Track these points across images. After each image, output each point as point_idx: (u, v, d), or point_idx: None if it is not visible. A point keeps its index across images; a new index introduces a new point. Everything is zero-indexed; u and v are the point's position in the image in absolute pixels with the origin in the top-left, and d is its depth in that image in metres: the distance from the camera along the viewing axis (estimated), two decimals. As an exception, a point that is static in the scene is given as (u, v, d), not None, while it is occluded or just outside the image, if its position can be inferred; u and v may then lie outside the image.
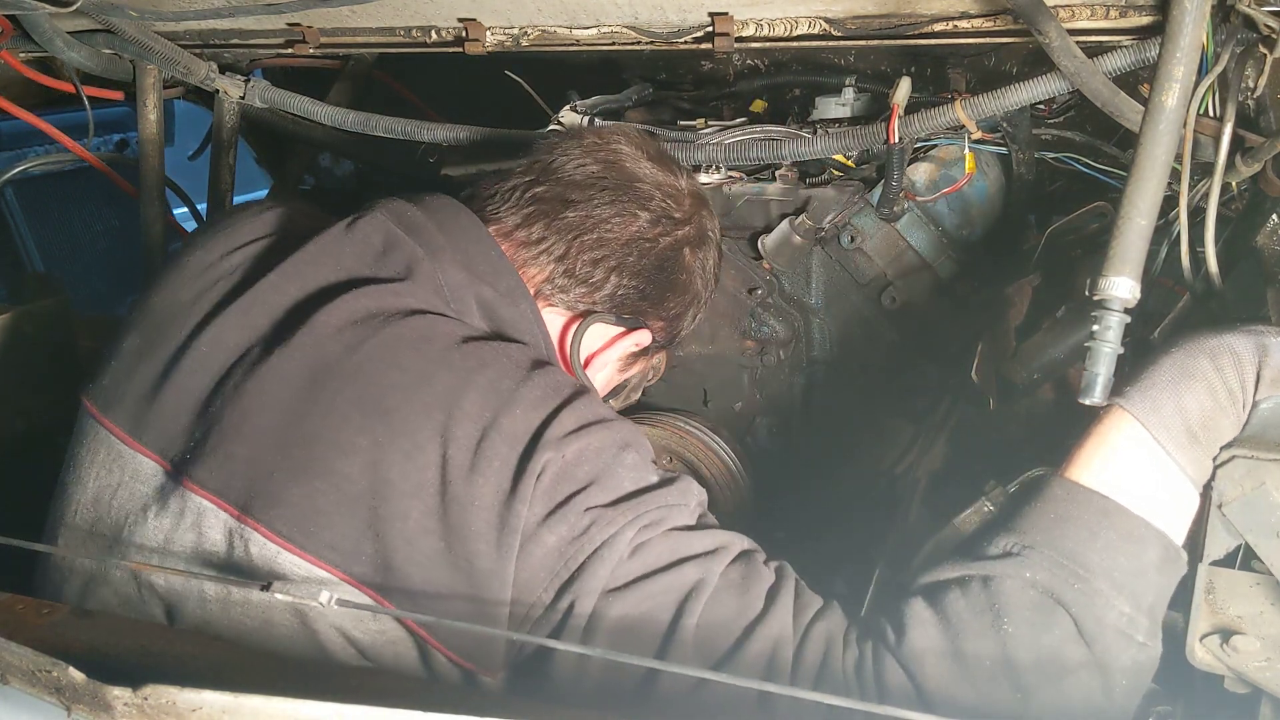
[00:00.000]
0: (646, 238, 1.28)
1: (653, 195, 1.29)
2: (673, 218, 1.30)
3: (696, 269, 1.35)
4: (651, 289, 1.30)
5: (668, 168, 1.34)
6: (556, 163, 1.29)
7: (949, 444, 1.92)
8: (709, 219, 1.38)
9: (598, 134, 1.34)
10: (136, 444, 1.12)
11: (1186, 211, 1.24)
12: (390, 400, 1.04)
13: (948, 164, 1.74)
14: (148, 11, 1.72)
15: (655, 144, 1.36)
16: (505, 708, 0.82)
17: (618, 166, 1.29)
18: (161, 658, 0.98)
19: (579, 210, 1.25)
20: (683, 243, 1.32)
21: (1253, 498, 0.98)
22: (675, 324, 1.37)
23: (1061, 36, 1.28)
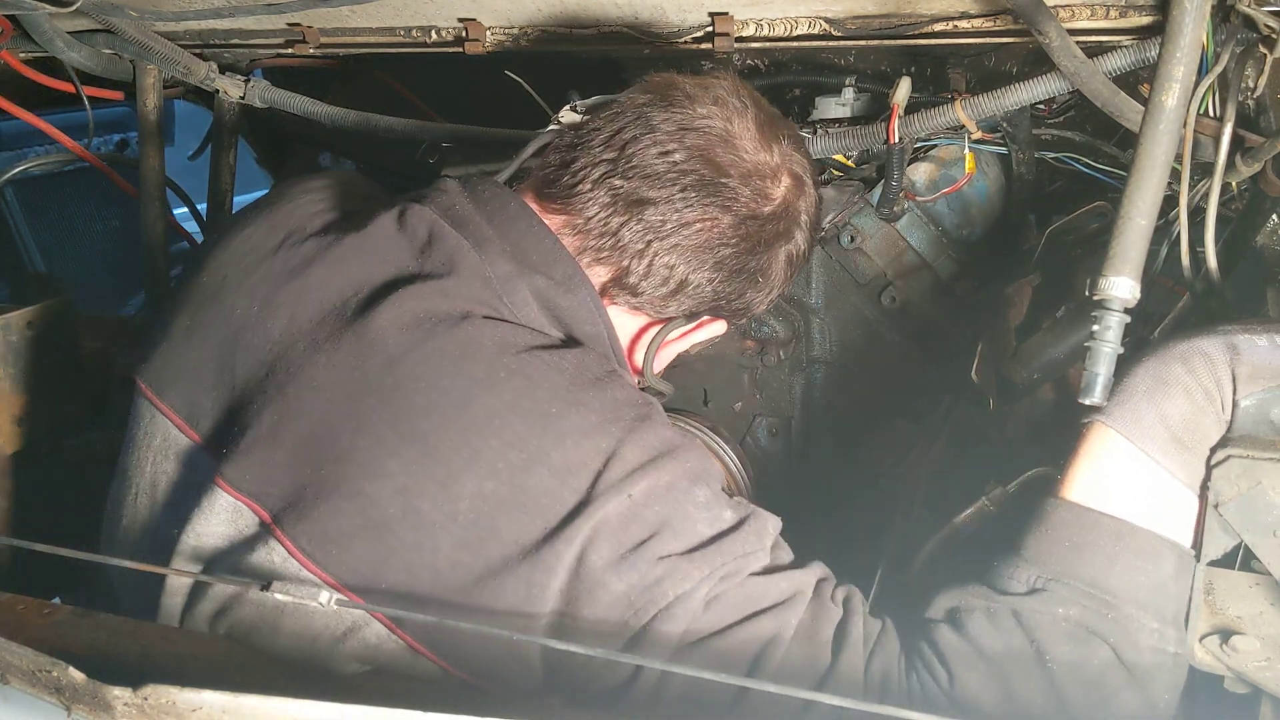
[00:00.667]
0: (729, 243, 1.17)
1: (739, 193, 1.16)
2: (760, 216, 1.18)
3: (780, 261, 1.24)
4: (730, 288, 1.21)
5: (765, 142, 1.18)
6: (639, 148, 1.14)
7: (949, 444, 1.92)
8: (803, 196, 1.23)
9: (690, 104, 1.16)
10: (193, 432, 1.11)
11: (1186, 211, 1.24)
12: (426, 424, 0.99)
13: (948, 164, 1.74)
14: (148, 11, 1.72)
15: (756, 106, 1.20)
16: (505, 708, 0.82)
17: (706, 155, 1.14)
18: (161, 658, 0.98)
19: (658, 211, 1.14)
20: (769, 240, 1.20)
21: (1249, 497, 0.98)
22: (752, 310, 1.29)
23: (1061, 36, 1.28)
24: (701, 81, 1.20)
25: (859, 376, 1.83)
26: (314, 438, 1.02)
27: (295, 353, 1.07)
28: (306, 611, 1.01)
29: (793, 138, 1.24)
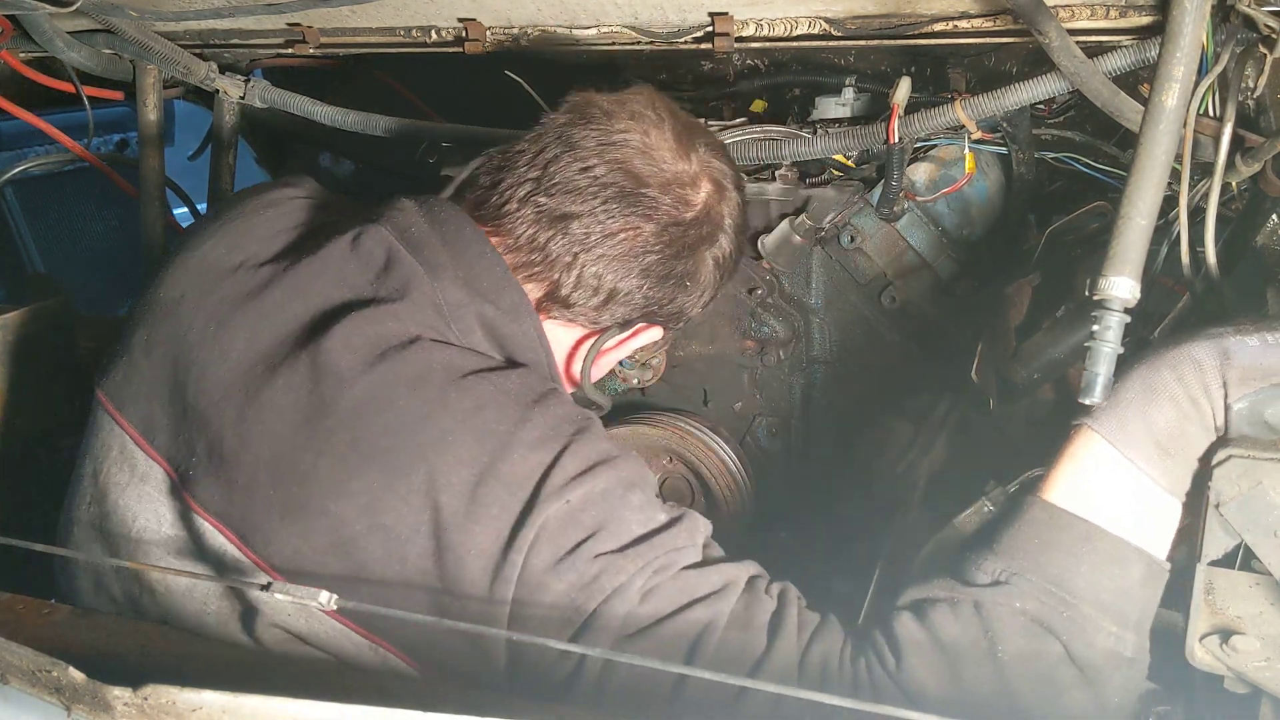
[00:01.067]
0: (653, 250, 1.23)
1: (660, 202, 1.21)
2: (682, 222, 1.24)
3: (708, 263, 1.29)
4: (660, 294, 1.26)
5: (683, 151, 1.24)
6: (560, 165, 1.21)
7: (949, 444, 1.92)
8: (724, 201, 1.28)
9: (608, 120, 1.23)
10: (149, 447, 1.13)
11: (1186, 211, 1.24)
12: (385, 443, 1.03)
13: (948, 164, 1.74)
14: (148, 11, 1.72)
15: (672, 117, 1.26)
16: (505, 708, 0.82)
17: (625, 168, 1.20)
18: (161, 658, 0.98)
19: (582, 224, 1.19)
20: (692, 245, 1.26)
21: (1250, 497, 0.98)
22: (686, 314, 1.34)
23: (1061, 36, 1.28)
24: (619, 98, 1.26)
25: (859, 376, 1.83)
26: (276, 459, 1.05)
27: (253, 376, 1.09)
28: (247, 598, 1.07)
29: (710, 145, 1.29)
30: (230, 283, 1.17)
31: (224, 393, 1.10)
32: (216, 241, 1.22)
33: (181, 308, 1.17)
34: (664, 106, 1.26)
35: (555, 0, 1.55)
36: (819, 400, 1.86)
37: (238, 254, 1.20)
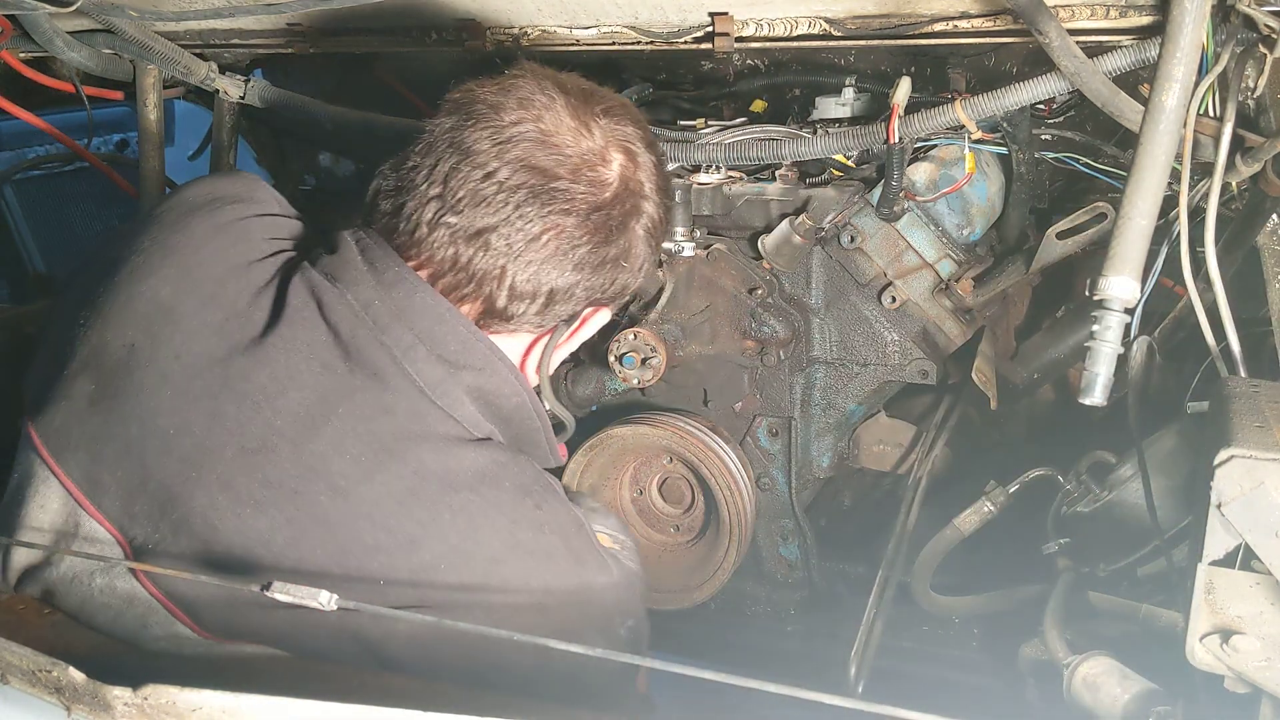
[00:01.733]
0: (581, 242, 1.16)
1: (574, 191, 1.14)
2: (602, 205, 1.16)
3: (639, 236, 1.22)
4: (598, 281, 1.19)
5: (583, 126, 1.16)
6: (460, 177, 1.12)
7: (949, 444, 1.93)
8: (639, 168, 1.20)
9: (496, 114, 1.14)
10: (93, 508, 1.07)
11: (1186, 211, 1.24)
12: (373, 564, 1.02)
13: (948, 164, 1.74)
14: (148, 11, 1.72)
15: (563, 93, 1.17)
16: (505, 708, 0.82)
17: (529, 164, 1.12)
18: (161, 658, 0.98)
19: (501, 235, 1.12)
20: (619, 224, 1.18)
21: (1252, 498, 0.98)
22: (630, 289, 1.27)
23: (1061, 36, 1.28)
24: (501, 85, 1.17)
25: (859, 376, 1.84)
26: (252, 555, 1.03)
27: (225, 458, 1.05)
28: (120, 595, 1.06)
29: (610, 110, 1.19)
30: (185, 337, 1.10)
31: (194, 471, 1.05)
32: (161, 280, 1.14)
33: (133, 359, 1.10)
34: (552, 83, 1.18)
35: (555, 0, 1.55)
36: (819, 400, 1.87)
37: (189, 298, 1.13)
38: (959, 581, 1.86)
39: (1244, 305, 1.38)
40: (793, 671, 1.92)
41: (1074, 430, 1.98)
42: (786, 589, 1.99)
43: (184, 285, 1.13)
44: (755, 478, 1.89)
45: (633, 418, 1.82)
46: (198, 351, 1.09)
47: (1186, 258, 1.25)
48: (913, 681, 1.86)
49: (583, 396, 1.85)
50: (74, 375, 1.12)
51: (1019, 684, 1.56)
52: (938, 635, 1.92)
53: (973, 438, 2.04)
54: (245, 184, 1.28)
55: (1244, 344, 1.26)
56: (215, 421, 1.06)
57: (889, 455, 1.95)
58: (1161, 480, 1.40)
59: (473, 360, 1.13)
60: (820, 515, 2.09)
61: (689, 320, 1.75)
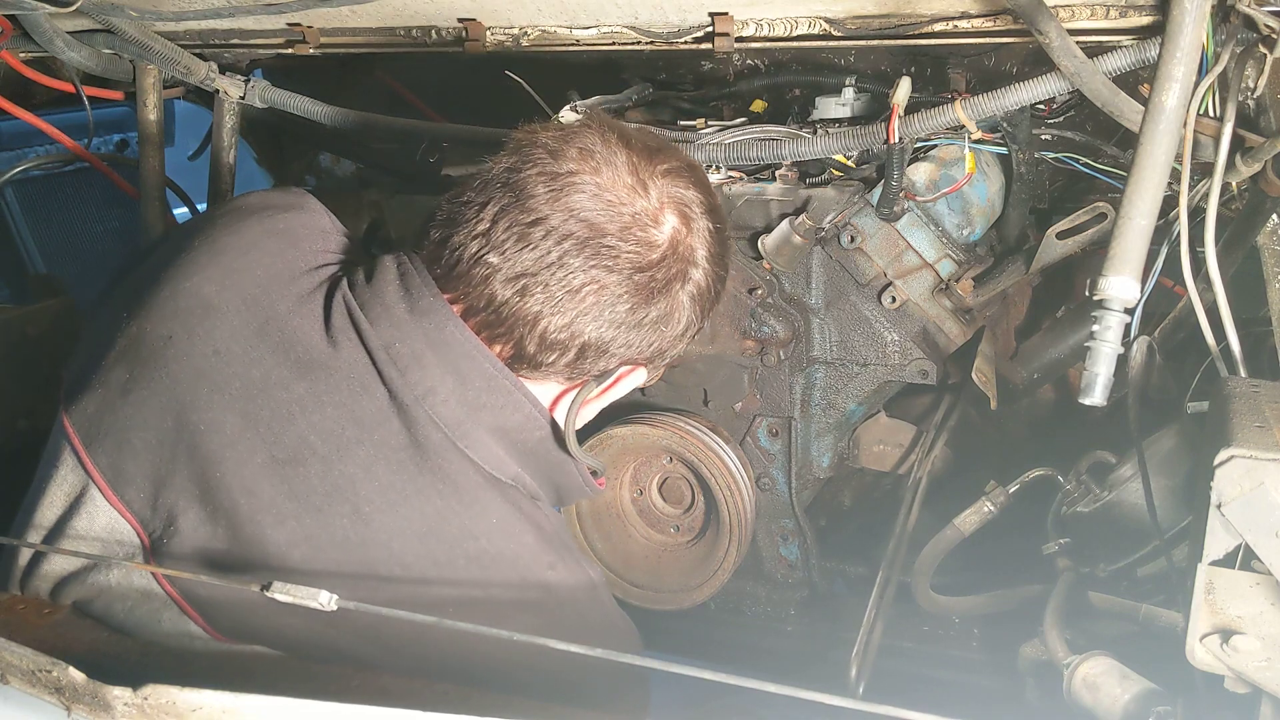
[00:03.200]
0: (621, 300, 1.14)
1: (620, 249, 1.12)
2: (648, 266, 1.14)
3: (683, 301, 1.19)
4: (634, 339, 1.17)
5: (640, 185, 1.14)
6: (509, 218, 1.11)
7: (949, 444, 1.93)
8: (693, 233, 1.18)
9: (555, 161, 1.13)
10: (117, 500, 1.08)
11: (1186, 211, 1.24)
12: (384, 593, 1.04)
13: (948, 164, 1.74)
14: (148, 11, 1.72)
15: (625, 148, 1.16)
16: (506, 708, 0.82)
17: (579, 216, 1.11)
18: (161, 658, 0.98)
19: (540, 282, 1.11)
20: (662, 287, 1.16)
21: (1252, 498, 0.98)
22: (669, 353, 1.25)
23: (1061, 36, 1.28)
24: (565, 134, 1.16)
25: (859, 376, 1.84)
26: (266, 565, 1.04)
27: (254, 464, 1.06)
28: None
29: (672, 170, 1.18)
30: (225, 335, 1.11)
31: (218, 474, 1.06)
32: (207, 276, 1.15)
33: (169, 351, 1.10)
34: (616, 136, 1.16)
35: (555, 0, 1.55)
36: (819, 400, 1.87)
37: (232, 297, 1.14)
38: (959, 581, 1.86)
39: (1244, 305, 1.38)
40: (793, 671, 1.92)
41: (1074, 430, 1.98)
42: (786, 589, 1.99)
43: (228, 284, 1.14)
44: (755, 478, 1.89)
45: (633, 418, 1.82)
46: (237, 352, 1.10)
47: (1186, 258, 1.25)
48: (913, 681, 1.86)
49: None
50: (111, 365, 1.13)
51: (1019, 684, 1.56)
52: (938, 635, 1.92)
53: (973, 438, 2.04)
54: (298, 195, 1.29)
55: (1244, 344, 1.26)
56: (248, 425, 1.07)
57: (889, 455, 1.95)
58: (1161, 480, 1.40)
59: (494, 400, 1.12)
60: (820, 515, 2.09)
61: (689, 320, 1.75)
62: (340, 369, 1.10)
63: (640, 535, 1.94)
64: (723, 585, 1.84)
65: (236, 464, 1.06)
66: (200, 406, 1.08)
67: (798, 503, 1.91)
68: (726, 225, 1.25)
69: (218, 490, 1.05)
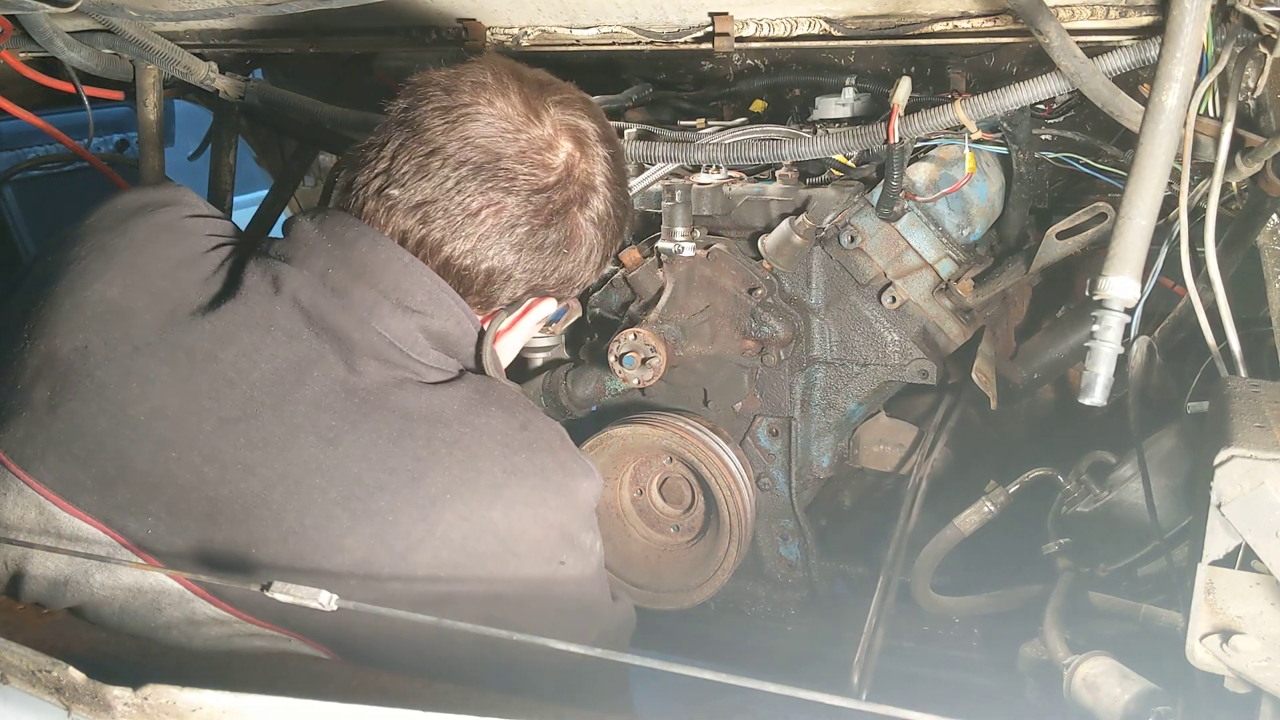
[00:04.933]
0: (519, 222, 1.17)
1: (517, 171, 1.15)
2: (545, 188, 1.17)
3: (583, 225, 1.22)
4: (538, 265, 1.21)
5: (533, 113, 1.17)
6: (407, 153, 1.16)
7: (949, 444, 1.93)
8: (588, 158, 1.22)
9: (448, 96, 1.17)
10: (72, 508, 1.07)
11: (1186, 211, 1.24)
12: (379, 502, 1.05)
13: (948, 164, 1.74)
14: (148, 11, 1.72)
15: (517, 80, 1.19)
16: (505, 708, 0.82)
17: (474, 143, 1.15)
18: (161, 658, 0.98)
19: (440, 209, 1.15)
20: (560, 210, 1.19)
21: (1252, 498, 0.98)
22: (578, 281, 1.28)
23: (1061, 36, 1.28)
24: (457, 70, 1.20)
25: (859, 376, 1.84)
26: (253, 514, 1.04)
27: (204, 433, 1.06)
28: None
29: (565, 101, 1.21)
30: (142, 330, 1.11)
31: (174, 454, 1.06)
32: (108, 280, 1.15)
33: (89, 360, 1.10)
34: (507, 70, 1.20)
35: (555, 0, 1.55)
36: (819, 400, 1.87)
37: (139, 294, 1.14)
38: (959, 581, 1.86)
39: (1244, 305, 1.38)
40: (793, 671, 1.92)
41: (1074, 430, 1.98)
42: (786, 589, 1.99)
43: (132, 283, 1.15)
44: (755, 478, 1.89)
45: (633, 418, 1.82)
46: (156, 343, 1.11)
47: (1186, 258, 1.25)
48: (913, 681, 1.86)
49: (583, 396, 1.85)
50: (28, 387, 1.12)
51: (1019, 684, 1.56)
52: (938, 635, 1.92)
53: (973, 438, 2.04)
54: (173, 190, 1.30)
55: (1244, 344, 1.26)
56: (190, 401, 1.08)
57: (889, 455, 1.95)
58: (1161, 480, 1.40)
59: (437, 310, 1.16)
60: (820, 515, 2.09)
61: (689, 320, 1.75)
62: (261, 324, 1.11)
63: (640, 535, 1.94)
64: (723, 585, 1.84)
65: (189, 439, 1.06)
66: (135, 400, 1.08)
67: (798, 503, 1.91)
68: (623, 155, 1.29)
69: (178, 469, 1.06)
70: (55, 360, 1.12)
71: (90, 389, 1.09)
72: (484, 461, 1.09)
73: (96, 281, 1.15)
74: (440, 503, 1.06)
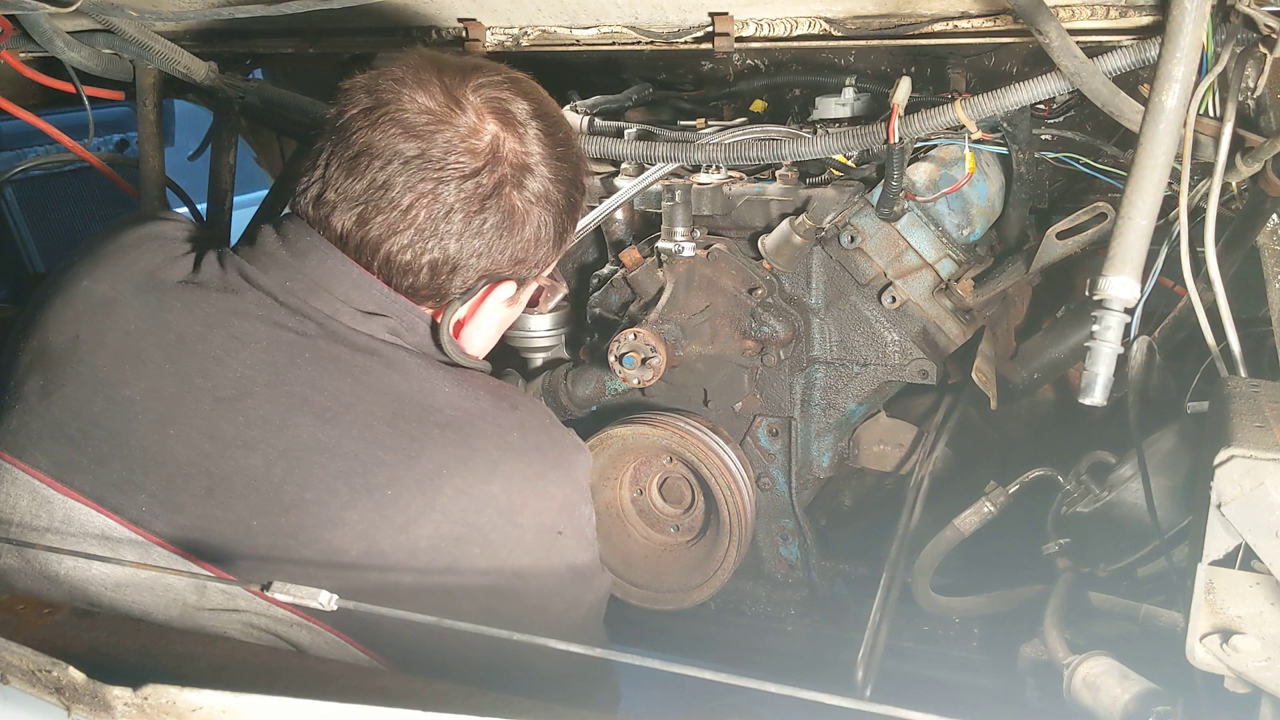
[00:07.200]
0: (455, 210, 1.17)
1: (444, 161, 1.16)
2: (474, 173, 1.17)
3: (523, 204, 1.22)
4: (483, 249, 1.20)
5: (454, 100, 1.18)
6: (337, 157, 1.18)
7: (950, 445, 1.93)
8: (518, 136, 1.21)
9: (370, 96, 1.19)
10: (66, 489, 1.09)
11: (1186, 211, 1.24)
12: (378, 477, 1.07)
13: (948, 164, 1.74)
14: (148, 11, 1.72)
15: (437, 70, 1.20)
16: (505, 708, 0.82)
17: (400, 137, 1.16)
18: (161, 658, 0.98)
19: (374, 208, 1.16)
20: (492, 192, 1.19)
21: (1252, 498, 0.99)
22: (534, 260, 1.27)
23: (1061, 36, 1.28)
24: (380, 70, 1.22)
25: (859, 376, 1.84)
26: (254, 491, 1.06)
27: (202, 410, 1.09)
28: None
29: (489, 84, 1.21)
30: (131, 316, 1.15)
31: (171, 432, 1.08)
32: (96, 277, 1.19)
33: (80, 348, 1.13)
34: (428, 63, 1.21)
35: (555, 0, 1.55)
36: (819, 400, 1.87)
37: (126, 286, 1.17)
38: (959, 581, 1.86)
39: (1244, 305, 1.38)
40: (793, 671, 1.92)
41: (1074, 430, 1.98)
42: (786, 589, 1.99)
43: (119, 278, 1.19)
44: (755, 478, 1.89)
45: (633, 418, 1.82)
46: (146, 328, 1.14)
47: (1186, 258, 1.25)
48: (913, 681, 1.86)
49: (583, 396, 1.85)
50: (21, 380, 1.15)
51: (1019, 684, 1.56)
52: (938, 635, 1.92)
53: (973, 438, 2.04)
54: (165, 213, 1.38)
55: (1244, 344, 1.26)
56: (184, 381, 1.10)
57: (889, 455, 1.95)
58: (1161, 480, 1.40)
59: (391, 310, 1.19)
60: (820, 515, 2.09)
61: (689, 320, 1.75)
62: (247, 311, 1.15)
63: (640, 535, 1.94)
64: (723, 585, 1.84)
65: (187, 416, 1.09)
66: (128, 381, 1.11)
67: (798, 503, 1.91)
68: (565, 129, 1.28)
69: (177, 446, 1.08)
70: (47, 352, 1.15)
71: (83, 374, 1.12)
72: (478, 440, 1.12)
73: (85, 279, 1.19)
74: (439, 478, 1.08)
